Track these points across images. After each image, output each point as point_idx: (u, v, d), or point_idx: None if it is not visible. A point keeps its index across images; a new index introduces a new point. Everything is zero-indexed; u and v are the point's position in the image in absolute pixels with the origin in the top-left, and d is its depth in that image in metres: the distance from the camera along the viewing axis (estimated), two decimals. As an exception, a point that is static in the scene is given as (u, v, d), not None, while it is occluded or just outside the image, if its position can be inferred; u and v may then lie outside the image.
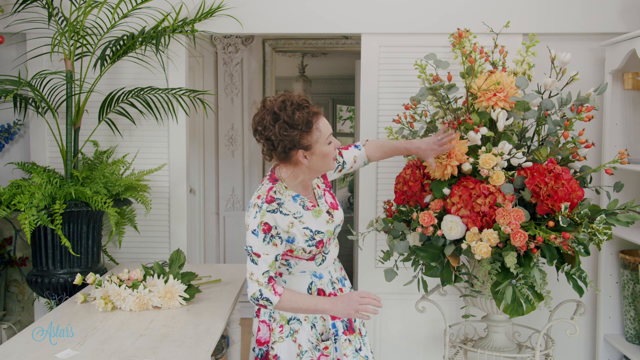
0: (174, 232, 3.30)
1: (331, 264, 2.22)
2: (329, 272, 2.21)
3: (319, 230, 2.08)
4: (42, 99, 2.95)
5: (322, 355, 2.12)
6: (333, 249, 2.21)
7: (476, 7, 3.12)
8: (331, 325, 2.15)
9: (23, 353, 1.87)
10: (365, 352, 2.22)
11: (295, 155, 2.00)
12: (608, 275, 3.11)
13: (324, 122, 2.03)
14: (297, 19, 3.19)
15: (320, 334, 2.14)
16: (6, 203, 2.73)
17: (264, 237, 1.98)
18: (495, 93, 2.47)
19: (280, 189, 2.06)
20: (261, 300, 2.00)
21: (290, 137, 1.95)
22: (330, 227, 2.13)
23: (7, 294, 3.46)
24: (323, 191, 2.22)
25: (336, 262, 2.29)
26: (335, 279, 2.23)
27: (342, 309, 2.01)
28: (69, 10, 3.00)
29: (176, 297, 2.33)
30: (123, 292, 2.29)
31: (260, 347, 2.14)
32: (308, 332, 2.12)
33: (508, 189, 2.33)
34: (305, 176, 2.10)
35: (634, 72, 2.91)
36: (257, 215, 1.98)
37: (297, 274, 2.13)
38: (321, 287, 2.16)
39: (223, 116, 4.84)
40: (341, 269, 2.32)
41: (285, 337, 2.10)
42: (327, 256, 2.17)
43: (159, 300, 2.32)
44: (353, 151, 2.36)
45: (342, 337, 2.14)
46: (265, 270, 1.99)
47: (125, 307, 2.29)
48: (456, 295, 3.11)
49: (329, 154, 2.04)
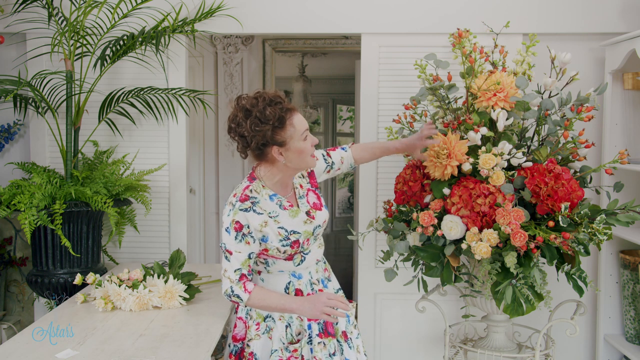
0: (174, 232, 3.30)
1: (312, 265, 2.20)
2: (309, 273, 2.19)
3: (294, 230, 2.08)
4: (42, 99, 2.95)
5: (291, 357, 2.10)
6: (315, 250, 2.18)
7: (476, 7, 3.12)
8: (307, 326, 2.13)
9: (23, 353, 1.87)
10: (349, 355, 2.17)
11: (270, 152, 2.02)
12: (608, 275, 3.11)
13: (299, 118, 2.03)
14: (297, 19, 3.19)
15: (297, 333, 2.13)
16: (6, 203, 2.73)
17: (236, 235, 2.02)
18: (495, 93, 2.47)
19: (257, 188, 2.08)
20: (232, 296, 2.04)
21: (262, 133, 1.97)
22: (308, 227, 2.12)
23: (7, 294, 3.46)
24: (306, 191, 2.20)
25: (320, 262, 2.26)
26: (315, 280, 2.20)
27: (309, 309, 2.02)
28: (69, 10, 3.00)
29: (176, 297, 2.33)
30: (123, 292, 2.29)
31: (236, 343, 2.15)
32: (281, 332, 2.12)
33: (508, 189, 2.33)
34: (284, 174, 2.10)
35: (634, 72, 2.91)
36: (230, 213, 2.03)
37: (275, 273, 2.14)
38: (299, 287, 2.15)
39: (223, 116, 4.83)
40: (325, 269, 2.29)
41: (262, 334, 2.11)
42: (307, 257, 2.15)
43: (159, 300, 2.32)
44: (340, 152, 2.39)
45: (316, 339, 2.12)
46: (237, 267, 2.03)
47: (125, 307, 2.29)
48: (456, 295, 3.11)
49: (304, 150, 2.04)
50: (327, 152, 2.37)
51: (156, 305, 2.33)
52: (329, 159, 2.35)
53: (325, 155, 2.35)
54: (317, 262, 2.23)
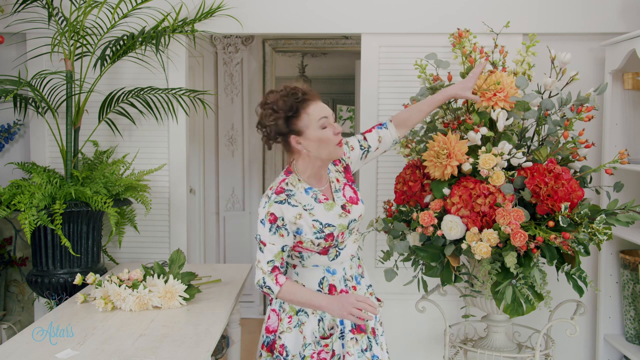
0: (174, 232, 3.30)
1: (347, 260, 2.19)
2: (343, 269, 2.18)
3: (329, 224, 2.08)
4: (42, 99, 2.95)
5: (322, 351, 2.12)
6: (350, 245, 2.18)
7: (476, 7, 3.12)
8: (339, 321, 2.14)
9: (23, 353, 1.87)
10: (376, 352, 2.20)
11: (290, 141, 2.06)
12: (608, 275, 3.11)
13: (317, 106, 2.05)
14: (297, 19, 3.19)
15: (329, 328, 2.14)
16: (6, 203, 2.73)
17: (270, 227, 2.03)
18: (495, 93, 2.47)
19: (293, 181, 2.10)
20: (264, 288, 2.05)
21: (277, 122, 2.02)
22: (343, 221, 2.11)
23: (7, 294, 3.46)
24: (343, 185, 2.20)
25: (354, 258, 2.24)
26: (349, 277, 2.20)
27: (337, 309, 2.02)
28: (69, 10, 3.00)
29: (176, 297, 2.33)
30: (123, 292, 2.29)
31: (268, 334, 2.16)
32: (314, 326, 2.13)
33: (508, 189, 2.33)
34: (313, 165, 2.11)
35: (634, 72, 2.91)
36: (266, 205, 2.05)
37: (309, 267, 2.14)
38: (333, 283, 2.15)
39: (223, 116, 4.84)
40: (359, 266, 2.27)
41: (293, 328, 2.12)
42: (342, 252, 2.15)
43: (159, 300, 2.32)
44: (377, 132, 2.35)
45: (348, 334, 2.12)
46: (270, 259, 2.04)
47: (125, 307, 2.29)
48: (456, 295, 3.11)
49: (324, 138, 2.04)
50: (364, 135, 2.33)
51: (156, 305, 2.33)
52: (364, 143, 2.31)
53: (362, 140, 2.31)
54: (351, 257, 2.22)
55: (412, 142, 2.78)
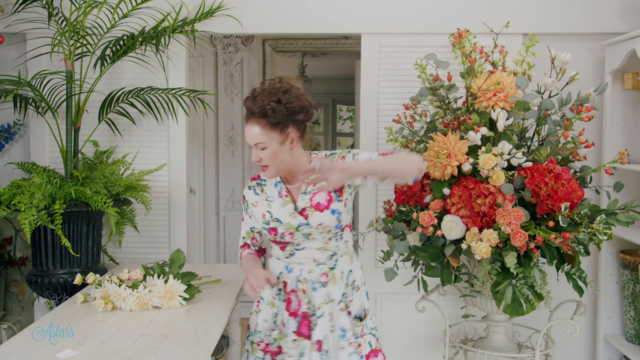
0: (174, 232, 3.30)
1: (307, 263, 2.18)
2: (300, 270, 2.18)
3: (278, 219, 2.15)
4: (42, 99, 2.95)
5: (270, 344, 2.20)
6: (311, 250, 2.16)
7: (476, 7, 3.12)
8: (285, 320, 2.20)
9: (23, 353, 1.87)
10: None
11: None
12: (608, 275, 3.11)
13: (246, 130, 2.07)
14: (297, 19, 3.19)
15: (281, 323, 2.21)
16: (6, 203, 2.73)
17: (244, 207, 2.28)
18: (495, 93, 2.48)
19: None
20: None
21: None
22: (292, 221, 2.13)
23: (7, 294, 3.46)
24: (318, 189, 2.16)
25: (322, 266, 2.18)
26: (303, 279, 2.18)
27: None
28: (69, 10, 3.00)
29: (176, 297, 2.33)
30: (123, 292, 2.29)
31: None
32: (266, 316, 2.22)
33: (508, 189, 2.33)
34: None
35: (634, 72, 2.91)
36: (245, 187, 2.29)
37: (274, 258, 2.26)
38: (286, 280, 2.20)
39: (223, 116, 4.84)
40: (325, 275, 2.17)
41: (257, 313, 2.25)
42: (297, 252, 2.17)
43: (159, 300, 2.32)
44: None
45: (291, 335, 2.17)
46: (243, 235, 2.29)
47: (125, 307, 2.29)
48: (456, 295, 3.11)
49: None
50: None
51: (156, 305, 2.32)
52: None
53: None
54: (316, 263, 2.18)
55: (412, 142, 2.78)
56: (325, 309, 2.17)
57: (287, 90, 2.06)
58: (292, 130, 2.06)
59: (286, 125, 2.04)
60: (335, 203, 2.15)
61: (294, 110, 2.04)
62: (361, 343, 2.22)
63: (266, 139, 2.02)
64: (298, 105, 2.05)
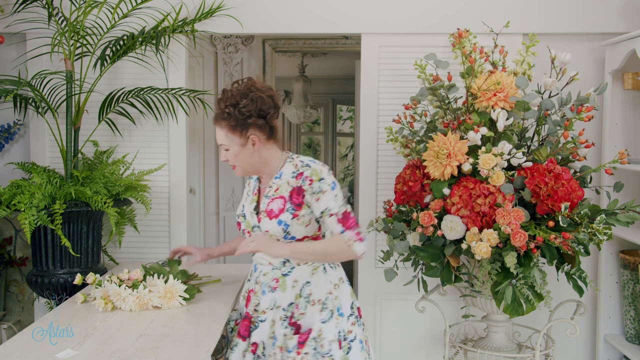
0: (174, 232, 3.30)
1: (264, 265, 2.19)
2: (260, 272, 2.21)
3: (243, 214, 2.25)
4: (42, 99, 2.95)
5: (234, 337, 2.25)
6: (260, 254, 2.18)
7: (476, 7, 3.12)
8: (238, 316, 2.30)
9: (23, 353, 1.87)
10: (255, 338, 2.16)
11: None
12: (608, 275, 3.11)
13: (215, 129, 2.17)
14: (297, 19, 3.19)
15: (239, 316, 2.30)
16: (6, 203, 2.73)
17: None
18: (495, 93, 2.48)
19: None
20: None
21: None
22: (251, 220, 2.21)
23: (7, 294, 3.46)
24: (278, 197, 2.13)
25: (276, 270, 2.17)
26: (258, 281, 2.20)
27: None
28: (69, 10, 3.00)
29: (176, 297, 2.33)
30: (123, 292, 2.29)
31: None
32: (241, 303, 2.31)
33: (508, 189, 2.33)
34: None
35: (634, 72, 2.91)
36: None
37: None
38: (250, 279, 2.29)
39: (223, 116, 4.83)
40: (276, 280, 2.16)
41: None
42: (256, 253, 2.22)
43: (159, 300, 2.32)
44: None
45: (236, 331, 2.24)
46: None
47: (125, 307, 2.29)
48: (456, 295, 3.11)
49: None
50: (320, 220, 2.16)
51: (156, 306, 2.32)
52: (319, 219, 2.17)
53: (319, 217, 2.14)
54: (271, 266, 2.17)
55: (412, 142, 2.78)
56: (269, 314, 2.15)
57: (246, 94, 2.08)
58: (253, 133, 2.10)
59: (246, 128, 2.09)
60: (286, 214, 2.11)
61: (249, 115, 2.07)
62: (296, 359, 2.09)
63: (228, 141, 2.14)
64: (255, 109, 2.07)
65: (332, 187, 2.10)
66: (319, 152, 7.20)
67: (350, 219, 2.10)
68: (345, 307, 2.19)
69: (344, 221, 2.09)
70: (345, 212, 2.10)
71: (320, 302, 2.15)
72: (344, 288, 2.23)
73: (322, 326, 2.11)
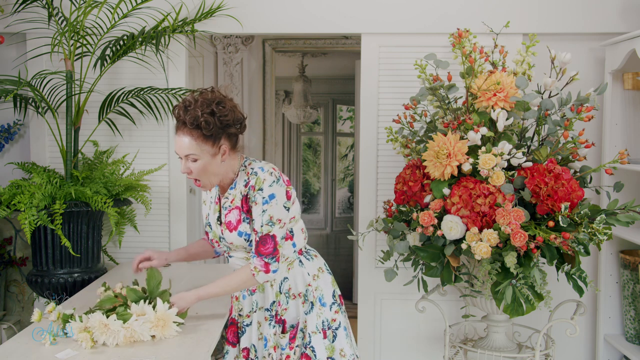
0: (174, 232, 3.30)
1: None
2: None
3: (210, 224, 2.22)
4: (42, 99, 2.95)
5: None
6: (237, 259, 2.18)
7: (476, 7, 3.12)
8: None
9: (23, 353, 1.87)
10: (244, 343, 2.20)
11: None
12: (608, 275, 3.11)
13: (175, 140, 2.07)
14: (297, 19, 3.19)
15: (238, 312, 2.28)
16: (6, 203, 2.73)
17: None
18: (495, 93, 2.48)
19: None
20: None
21: None
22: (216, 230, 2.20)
23: (7, 294, 3.46)
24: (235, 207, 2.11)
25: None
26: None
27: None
28: (69, 10, 3.00)
29: (170, 324, 2.01)
30: (113, 323, 1.94)
31: None
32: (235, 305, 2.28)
33: (508, 189, 2.33)
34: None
35: (634, 72, 2.91)
36: None
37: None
38: None
39: (223, 116, 4.83)
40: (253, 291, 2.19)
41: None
42: (230, 259, 2.22)
43: (152, 331, 1.98)
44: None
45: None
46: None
47: (111, 342, 1.93)
48: (456, 295, 3.11)
49: None
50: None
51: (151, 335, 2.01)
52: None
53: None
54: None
55: (412, 142, 2.78)
56: (253, 317, 2.19)
57: (221, 102, 2.04)
58: (224, 143, 2.05)
59: (219, 138, 2.03)
60: (244, 225, 2.10)
61: (227, 123, 2.03)
62: (290, 355, 2.14)
63: (198, 150, 2.01)
64: (232, 118, 2.05)
65: (264, 202, 2.02)
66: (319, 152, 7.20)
67: (268, 243, 2.02)
68: (327, 297, 2.20)
69: (261, 244, 2.03)
70: (266, 234, 2.02)
71: (301, 294, 2.18)
72: (324, 277, 2.22)
73: (306, 317, 2.17)
